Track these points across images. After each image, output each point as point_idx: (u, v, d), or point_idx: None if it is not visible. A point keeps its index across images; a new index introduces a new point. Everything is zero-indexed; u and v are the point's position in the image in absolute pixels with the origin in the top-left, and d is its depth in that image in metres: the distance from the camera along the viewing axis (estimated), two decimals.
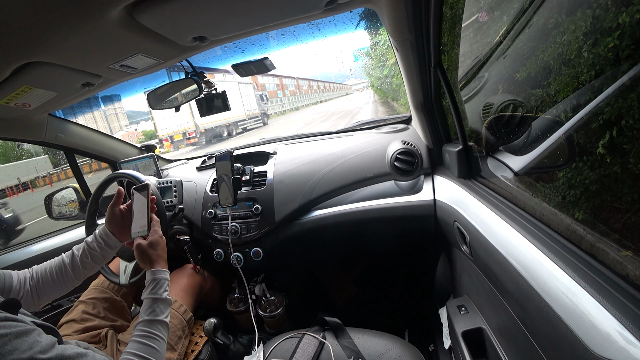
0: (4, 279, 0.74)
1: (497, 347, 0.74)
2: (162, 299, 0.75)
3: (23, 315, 0.57)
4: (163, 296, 0.75)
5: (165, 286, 0.77)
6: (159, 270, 0.78)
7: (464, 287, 1.00)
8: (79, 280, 0.85)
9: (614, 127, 0.54)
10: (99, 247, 0.85)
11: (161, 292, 0.76)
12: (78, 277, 0.84)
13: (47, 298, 0.81)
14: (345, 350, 0.87)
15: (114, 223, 0.86)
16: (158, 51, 0.83)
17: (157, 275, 0.77)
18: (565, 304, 0.47)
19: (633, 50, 0.49)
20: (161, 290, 0.76)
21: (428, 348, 1.31)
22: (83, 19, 0.59)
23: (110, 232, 0.86)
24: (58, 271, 0.82)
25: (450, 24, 0.89)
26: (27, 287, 0.77)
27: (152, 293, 0.75)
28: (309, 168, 1.25)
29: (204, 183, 1.36)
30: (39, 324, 0.55)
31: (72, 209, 1.53)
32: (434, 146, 1.15)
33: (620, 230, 0.56)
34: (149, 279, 0.77)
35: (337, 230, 1.19)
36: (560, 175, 0.70)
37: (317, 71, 44.11)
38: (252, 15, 0.76)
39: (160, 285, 0.76)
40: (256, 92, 15.61)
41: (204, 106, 1.15)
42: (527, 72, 0.78)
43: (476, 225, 0.77)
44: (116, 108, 21.02)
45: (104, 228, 0.87)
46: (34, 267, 0.83)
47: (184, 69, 1.06)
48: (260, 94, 15.93)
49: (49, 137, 1.28)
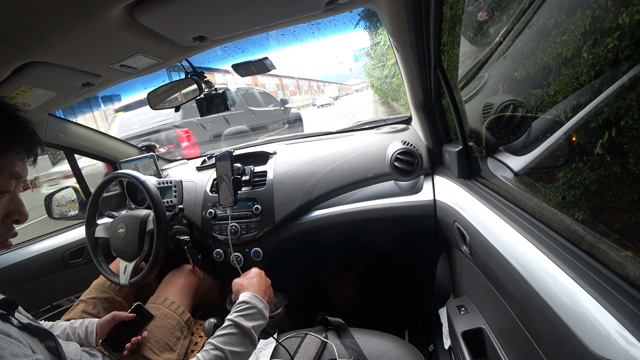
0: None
1: (497, 347, 0.74)
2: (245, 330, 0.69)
3: (20, 315, 0.57)
4: (247, 326, 0.69)
5: (255, 316, 0.72)
6: (258, 299, 0.75)
7: (463, 287, 1.00)
8: None
9: (614, 127, 0.54)
10: (79, 337, 0.84)
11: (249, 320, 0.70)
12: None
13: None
14: (347, 350, 0.87)
15: (104, 329, 0.85)
16: (158, 51, 0.83)
17: (252, 301, 0.74)
18: (565, 304, 0.46)
19: (633, 51, 0.49)
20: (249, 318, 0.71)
21: (428, 348, 1.31)
22: (83, 19, 0.59)
23: (96, 331, 0.85)
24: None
25: (450, 24, 0.89)
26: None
27: (239, 317, 0.70)
28: (309, 168, 1.25)
29: (204, 183, 1.36)
30: (35, 327, 0.55)
31: (72, 209, 1.53)
32: (434, 146, 1.15)
33: (620, 231, 0.56)
34: (244, 299, 0.74)
35: (337, 231, 1.19)
36: (560, 175, 0.71)
37: (317, 71, 44.12)
38: (252, 15, 0.76)
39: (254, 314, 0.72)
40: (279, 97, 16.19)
41: (204, 106, 1.15)
42: (526, 72, 0.78)
43: (476, 226, 0.77)
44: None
45: (93, 325, 0.86)
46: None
47: (184, 69, 1.06)
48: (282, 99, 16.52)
49: (49, 137, 1.28)
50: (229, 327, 0.68)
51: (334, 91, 20.96)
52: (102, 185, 1.13)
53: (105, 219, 1.21)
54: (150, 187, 1.05)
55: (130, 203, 1.38)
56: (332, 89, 22.25)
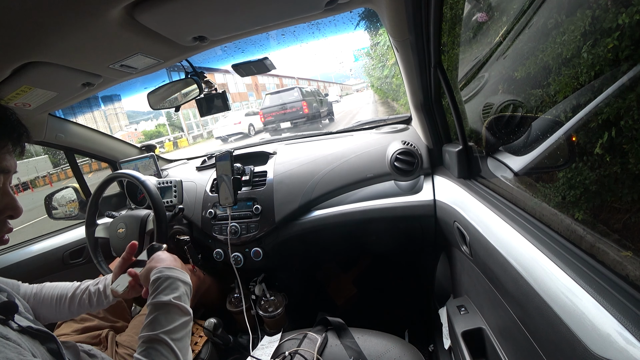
0: (12, 286, 0.73)
1: (497, 347, 0.74)
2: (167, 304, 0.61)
3: (20, 318, 0.57)
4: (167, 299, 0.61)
5: (175, 286, 0.63)
6: (167, 268, 0.65)
7: (463, 287, 1.00)
8: (72, 315, 0.82)
9: (614, 127, 0.54)
10: (98, 292, 0.80)
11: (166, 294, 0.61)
12: (72, 312, 0.81)
13: (45, 319, 0.78)
14: (347, 350, 0.87)
15: (118, 274, 0.77)
16: (158, 51, 0.83)
17: (164, 273, 0.64)
18: (565, 304, 0.47)
19: (633, 51, 0.49)
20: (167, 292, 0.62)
21: (428, 348, 1.31)
22: (83, 18, 0.59)
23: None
24: (58, 300, 0.79)
25: (450, 24, 0.89)
26: (29, 303, 0.75)
27: (154, 296, 0.61)
28: (309, 168, 1.25)
29: (204, 183, 1.36)
30: (35, 330, 0.55)
31: (72, 209, 1.53)
32: (434, 146, 1.15)
33: (620, 231, 0.56)
34: (152, 278, 0.64)
35: (337, 230, 1.19)
36: (560, 175, 0.71)
37: (317, 71, 44.09)
38: (252, 15, 0.76)
39: (168, 286, 0.63)
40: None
41: (204, 106, 1.15)
42: (526, 72, 0.78)
43: (476, 226, 0.77)
44: (116, 108, 21.03)
45: (110, 277, 0.80)
46: (45, 284, 0.81)
47: (184, 69, 1.06)
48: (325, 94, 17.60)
49: (49, 137, 1.28)
50: (150, 312, 0.60)
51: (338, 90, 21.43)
52: (102, 185, 1.13)
53: (105, 219, 1.21)
54: (150, 187, 1.05)
55: (130, 203, 1.38)
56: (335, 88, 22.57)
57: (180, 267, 0.69)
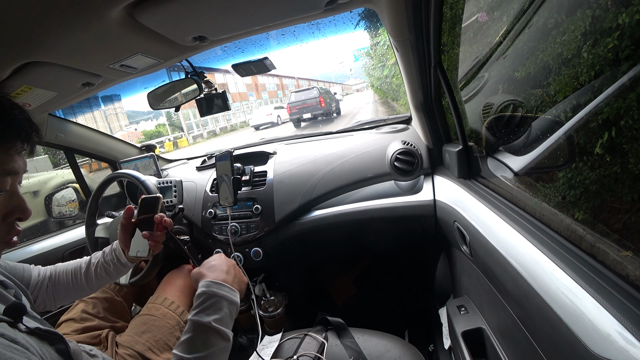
0: (22, 273, 0.73)
1: (497, 347, 0.74)
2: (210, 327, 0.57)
3: (28, 319, 0.56)
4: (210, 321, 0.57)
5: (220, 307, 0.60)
6: (215, 283, 0.62)
7: (464, 287, 1.00)
8: (92, 290, 0.81)
9: (614, 127, 0.54)
10: (112, 263, 0.78)
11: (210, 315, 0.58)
12: (91, 287, 0.80)
13: (62, 300, 0.78)
14: (347, 350, 0.87)
15: (125, 241, 0.75)
16: (158, 51, 0.83)
17: (211, 289, 0.61)
18: (565, 304, 0.47)
19: (633, 51, 0.49)
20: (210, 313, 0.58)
21: (428, 348, 1.31)
22: (83, 19, 0.59)
23: (122, 250, 0.76)
24: (74, 276, 0.79)
25: (450, 24, 0.89)
26: (44, 286, 0.75)
27: (197, 314, 0.58)
28: (309, 168, 1.25)
29: (204, 183, 1.36)
30: (44, 331, 0.54)
31: (72, 208, 1.53)
32: (434, 146, 1.15)
33: (620, 231, 0.56)
34: (198, 291, 0.61)
35: (337, 230, 1.19)
36: (560, 175, 0.70)
37: (317, 71, 44.11)
38: (252, 15, 0.76)
39: (212, 305, 0.59)
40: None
41: (204, 106, 1.15)
42: (526, 72, 0.78)
43: (476, 226, 0.77)
44: (116, 108, 21.01)
45: (118, 244, 0.78)
46: (58, 264, 0.81)
47: (184, 69, 1.06)
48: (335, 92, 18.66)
49: (49, 136, 1.28)
50: (188, 330, 0.58)
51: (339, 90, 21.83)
52: (102, 185, 1.13)
53: (105, 219, 1.21)
54: (150, 187, 1.05)
55: (130, 203, 1.38)
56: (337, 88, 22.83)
57: (232, 278, 0.67)
